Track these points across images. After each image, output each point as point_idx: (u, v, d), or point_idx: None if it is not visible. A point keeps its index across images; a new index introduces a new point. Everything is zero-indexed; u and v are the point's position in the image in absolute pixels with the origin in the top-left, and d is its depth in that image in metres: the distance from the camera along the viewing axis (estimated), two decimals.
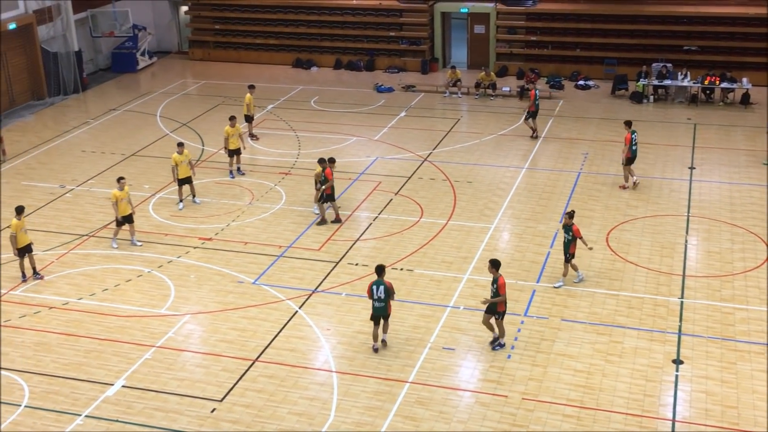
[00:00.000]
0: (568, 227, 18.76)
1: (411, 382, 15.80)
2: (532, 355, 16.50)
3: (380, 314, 16.63)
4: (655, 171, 25.33)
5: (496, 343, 16.74)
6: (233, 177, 25.47)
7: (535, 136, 28.24)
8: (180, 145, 23.30)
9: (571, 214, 18.87)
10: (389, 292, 16.44)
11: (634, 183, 24.03)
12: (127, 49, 38.50)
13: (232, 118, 25.54)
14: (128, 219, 21.13)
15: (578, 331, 17.28)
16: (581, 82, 34.47)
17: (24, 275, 19.76)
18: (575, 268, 19.06)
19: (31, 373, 16.33)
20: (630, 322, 17.58)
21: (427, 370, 16.13)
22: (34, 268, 19.84)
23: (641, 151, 25.40)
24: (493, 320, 16.65)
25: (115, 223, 21.30)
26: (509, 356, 16.47)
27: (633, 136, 23.77)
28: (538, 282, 19.17)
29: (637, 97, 32.26)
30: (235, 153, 25.40)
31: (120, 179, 21.26)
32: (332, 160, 22.84)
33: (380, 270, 16.53)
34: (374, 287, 16.41)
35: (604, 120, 30.31)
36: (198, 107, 32.87)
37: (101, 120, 31.79)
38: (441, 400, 15.29)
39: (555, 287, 18.88)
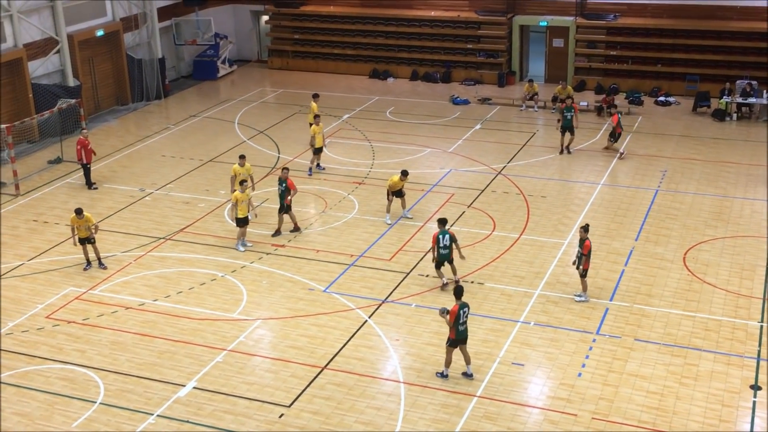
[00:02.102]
0: (581, 241, 18.52)
1: (479, 396, 15.68)
2: (604, 375, 16.21)
3: (446, 259, 19.13)
4: (736, 191, 24.68)
5: (440, 373, 16.30)
6: (311, 174, 26.31)
7: (562, 152, 28.32)
8: (242, 157, 23.44)
9: (585, 228, 18.67)
10: (453, 239, 18.94)
11: (609, 147, 28.05)
12: (208, 57, 39.30)
13: (317, 117, 26.73)
14: (244, 221, 21.52)
15: (652, 351, 16.92)
16: (661, 99, 33.82)
17: (88, 262, 20.98)
18: (584, 287, 18.75)
19: (106, 371, 16.75)
20: (706, 344, 17.13)
21: (495, 385, 15.99)
22: (99, 259, 21.04)
23: (717, 168, 25.11)
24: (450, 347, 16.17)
25: (236, 224, 21.74)
26: (580, 374, 16.21)
27: (620, 117, 28.12)
28: (611, 300, 18.84)
29: (720, 115, 31.51)
30: (319, 151, 26.47)
31: (242, 182, 21.66)
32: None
33: (443, 221, 19.11)
34: (440, 236, 18.89)
35: (684, 137, 29.67)
36: (275, 115, 33.33)
37: (181, 126, 32.50)
38: (509, 416, 15.13)
39: (576, 300, 18.78)
